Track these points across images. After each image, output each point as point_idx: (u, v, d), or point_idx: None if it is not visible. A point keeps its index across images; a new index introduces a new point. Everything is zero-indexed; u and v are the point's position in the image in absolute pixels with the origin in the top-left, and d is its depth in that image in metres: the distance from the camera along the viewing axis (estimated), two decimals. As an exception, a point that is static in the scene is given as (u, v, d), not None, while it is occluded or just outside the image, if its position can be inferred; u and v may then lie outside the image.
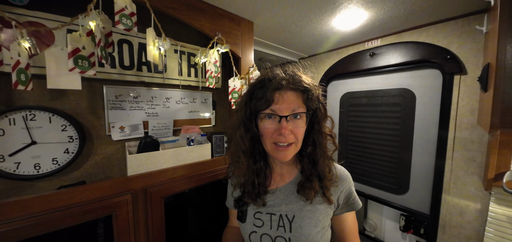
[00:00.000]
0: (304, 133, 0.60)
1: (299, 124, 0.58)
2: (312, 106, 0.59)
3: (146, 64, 0.98)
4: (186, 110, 1.21)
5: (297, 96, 0.58)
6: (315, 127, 0.62)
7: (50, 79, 0.60)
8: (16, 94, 0.74)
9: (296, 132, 0.57)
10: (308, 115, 0.59)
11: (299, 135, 0.58)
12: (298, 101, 0.58)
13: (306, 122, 0.59)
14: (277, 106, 0.56)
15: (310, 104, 0.59)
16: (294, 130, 0.57)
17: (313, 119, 0.61)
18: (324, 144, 0.62)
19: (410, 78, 1.39)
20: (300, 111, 0.57)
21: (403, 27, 1.32)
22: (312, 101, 0.59)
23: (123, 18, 0.68)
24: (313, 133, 0.62)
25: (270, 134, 0.58)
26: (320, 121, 0.61)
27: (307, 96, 0.58)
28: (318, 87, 0.63)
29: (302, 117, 0.58)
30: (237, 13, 1.14)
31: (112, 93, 0.91)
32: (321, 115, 0.61)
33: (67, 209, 0.67)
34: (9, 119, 0.72)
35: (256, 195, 0.64)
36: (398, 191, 1.50)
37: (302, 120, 0.58)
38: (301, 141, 0.60)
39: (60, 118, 0.79)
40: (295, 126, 0.57)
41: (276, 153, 0.59)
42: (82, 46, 0.62)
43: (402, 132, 1.44)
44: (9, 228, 0.61)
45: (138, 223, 0.80)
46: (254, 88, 0.60)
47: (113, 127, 0.92)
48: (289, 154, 0.59)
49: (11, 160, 0.73)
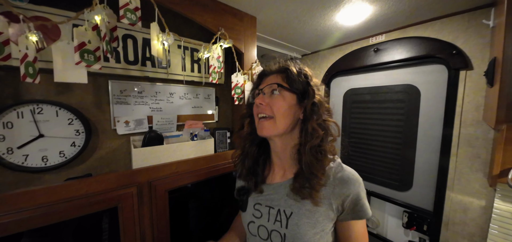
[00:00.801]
0: (285, 109, 0.60)
1: (277, 99, 0.61)
2: (298, 87, 0.61)
3: (150, 60, 0.99)
4: (189, 106, 1.22)
5: (277, 77, 0.63)
6: (305, 113, 0.60)
7: (57, 73, 0.62)
8: (23, 88, 0.75)
9: (271, 104, 0.61)
10: (293, 94, 0.61)
11: (276, 109, 0.60)
12: (278, 79, 0.62)
13: (293, 101, 0.61)
14: (261, 86, 0.65)
15: (294, 84, 0.60)
16: (270, 102, 0.61)
17: (305, 105, 0.60)
18: (313, 135, 0.58)
19: (414, 74, 1.38)
20: (280, 83, 0.61)
21: (408, 22, 1.31)
22: (295, 82, 0.60)
23: (127, 12, 0.68)
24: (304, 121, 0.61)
25: (255, 110, 0.65)
26: (308, 106, 0.59)
27: (286, 75, 0.62)
28: (306, 71, 0.64)
29: (281, 93, 0.61)
30: (240, 8, 1.14)
31: (117, 88, 0.92)
32: (309, 100, 0.60)
33: (73, 200, 0.69)
34: (17, 113, 0.73)
35: (255, 184, 0.68)
36: (401, 188, 1.49)
37: (281, 96, 0.61)
38: (282, 118, 0.60)
39: (66, 112, 0.80)
40: (272, 99, 0.61)
41: (259, 128, 0.63)
42: (87, 40, 0.63)
43: (406, 128, 1.43)
44: (18, 218, 0.62)
45: (143, 215, 0.81)
46: (256, 80, 0.70)
47: (118, 121, 0.93)
48: (265, 127, 0.61)
49: (19, 153, 0.75)
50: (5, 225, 0.61)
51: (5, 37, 0.56)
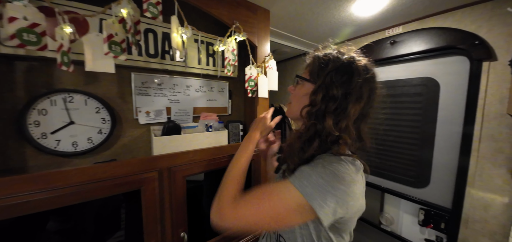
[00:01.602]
0: (300, 97, 0.61)
1: (298, 88, 0.64)
2: (315, 76, 0.57)
3: (168, 53, 1.04)
4: (204, 99, 1.26)
5: (306, 66, 0.64)
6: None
7: (88, 63, 0.67)
8: (55, 78, 0.82)
9: (294, 92, 0.66)
10: (311, 84, 0.58)
11: (294, 97, 0.65)
12: (304, 69, 0.64)
13: (309, 91, 0.57)
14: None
15: (313, 75, 0.58)
16: (293, 91, 0.66)
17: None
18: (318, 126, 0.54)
19: (433, 66, 1.33)
20: (300, 75, 0.63)
21: (427, 12, 1.26)
22: (314, 72, 0.58)
23: (150, 6, 0.72)
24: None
25: None
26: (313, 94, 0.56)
27: (310, 63, 0.62)
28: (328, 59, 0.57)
29: (301, 83, 0.62)
30: (254, 2, 1.15)
31: (138, 80, 0.97)
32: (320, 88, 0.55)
33: (100, 181, 0.74)
34: (50, 101, 0.80)
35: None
36: (417, 185, 1.45)
37: (302, 86, 0.62)
38: (296, 104, 0.62)
39: (94, 101, 0.87)
40: (295, 88, 0.66)
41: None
42: (115, 32, 0.68)
43: (423, 123, 1.39)
44: (52, 195, 0.69)
45: (163, 198, 0.86)
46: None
47: (140, 111, 0.98)
48: (287, 110, 0.69)
49: (52, 137, 0.82)
50: (41, 201, 0.67)
51: (42, 28, 0.62)
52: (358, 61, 0.56)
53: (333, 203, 0.46)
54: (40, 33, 0.61)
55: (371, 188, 1.68)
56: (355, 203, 0.50)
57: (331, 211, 0.46)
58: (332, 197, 0.46)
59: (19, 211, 0.64)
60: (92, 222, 0.91)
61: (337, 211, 0.47)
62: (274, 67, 1.27)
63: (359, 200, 0.52)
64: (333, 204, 0.46)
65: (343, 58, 0.56)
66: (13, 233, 0.69)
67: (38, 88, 0.79)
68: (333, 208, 0.46)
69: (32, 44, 0.59)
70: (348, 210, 0.49)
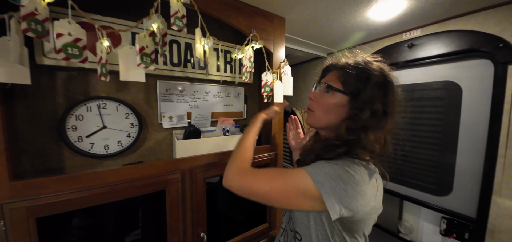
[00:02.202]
0: (329, 107, 0.59)
1: (325, 97, 0.61)
2: (351, 89, 0.55)
3: (190, 62, 1.10)
4: (221, 104, 1.31)
5: (336, 74, 0.60)
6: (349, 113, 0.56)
7: (122, 73, 0.73)
8: (91, 86, 0.90)
9: (319, 101, 0.62)
10: (345, 95, 0.56)
11: (320, 107, 0.61)
12: (334, 78, 0.60)
13: (341, 101, 0.57)
14: (322, 80, 0.64)
15: (347, 86, 0.56)
16: (319, 99, 0.62)
17: (354, 105, 0.55)
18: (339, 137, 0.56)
19: (455, 69, 1.29)
20: (331, 85, 0.59)
21: (447, 14, 1.23)
22: (350, 83, 0.55)
23: (176, 20, 0.78)
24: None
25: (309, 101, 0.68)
26: (352, 108, 0.56)
27: (343, 74, 0.57)
28: (370, 72, 0.55)
29: (333, 93, 0.58)
30: (270, 10, 1.19)
31: (163, 87, 1.04)
32: (361, 101, 0.54)
33: (131, 181, 0.81)
34: (86, 107, 0.88)
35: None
36: (439, 192, 1.40)
37: (332, 95, 0.59)
38: (323, 115, 0.61)
39: (124, 107, 0.94)
40: (321, 97, 0.62)
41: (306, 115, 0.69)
42: (146, 45, 0.74)
43: (445, 128, 1.35)
44: (90, 194, 0.75)
45: (185, 198, 0.91)
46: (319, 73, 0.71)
47: (163, 116, 1.05)
48: (308, 120, 0.66)
49: (87, 141, 0.90)
50: (80, 199, 0.74)
51: (83, 43, 0.69)
52: (391, 76, 0.58)
53: (340, 196, 0.48)
54: (82, 47, 0.68)
55: (388, 194, 1.64)
56: (365, 203, 0.51)
57: (338, 203, 0.48)
58: (341, 190, 0.49)
59: (61, 208, 0.72)
60: (113, 220, 0.97)
61: (345, 205, 0.49)
62: (289, 73, 1.30)
63: (371, 202, 0.52)
64: (340, 197, 0.48)
65: (382, 72, 0.57)
66: (45, 227, 0.74)
67: (76, 95, 0.87)
68: (339, 200, 0.48)
69: (75, 57, 0.67)
70: (358, 209, 0.50)
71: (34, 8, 0.60)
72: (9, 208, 0.65)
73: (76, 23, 0.68)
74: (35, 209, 0.68)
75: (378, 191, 0.55)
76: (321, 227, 0.57)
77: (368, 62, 0.58)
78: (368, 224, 0.57)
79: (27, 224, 0.68)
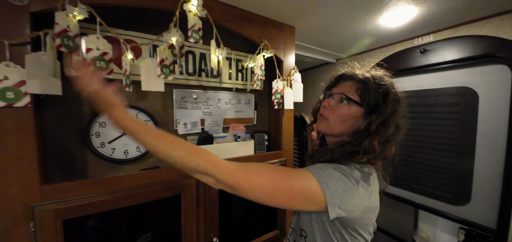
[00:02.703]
0: (346, 118, 0.61)
1: (341, 107, 0.62)
2: (370, 101, 0.59)
3: (204, 71, 1.14)
4: (233, 110, 1.34)
5: (353, 85, 0.62)
6: (369, 128, 0.59)
7: (143, 84, 0.78)
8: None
9: (335, 110, 0.63)
10: (361, 107, 0.60)
11: (336, 116, 0.62)
12: (351, 89, 0.62)
13: (357, 113, 0.60)
14: (335, 88, 0.67)
15: (366, 98, 0.59)
16: (334, 108, 0.63)
17: (371, 120, 0.59)
18: (367, 151, 0.57)
19: (470, 75, 1.26)
20: (350, 96, 0.61)
21: (460, 20, 1.22)
22: (368, 96, 0.59)
23: (193, 33, 0.83)
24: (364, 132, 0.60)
25: (321, 108, 0.68)
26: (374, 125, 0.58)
27: (362, 87, 0.60)
28: (388, 89, 0.60)
29: (349, 104, 0.61)
30: (281, 20, 1.22)
31: (179, 95, 1.09)
32: (377, 118, 0.58)
33: (150, 186, 0.85)
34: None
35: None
36: (456, 202, 1.36)
37: (348, 106, 0.61)
38: (338, 124, 0.62)
39: (143, 114, 0.99)
40: (337, 106, 0.63)
41: (317, 121, 0.68)
42: (165, 57, 0.79)
43: (461, 135, 1.31)
44: (112, 197, 0.80)
45: (199, 202, 0.94)
46: (330, 79, 0.73)
47: (179, 123, 1.09)
48: (320, 126, 0.66)
49: (109, 146, 0.95)
50: (103, 202, 0.78)
51: (109, 56, 0.74)
52: (400, 91, 0.63)
53: (340, 197, 0.51)
54: (108, 60, 0.74)
55: (402, 202, 1.60)
56: (359, 202, 0.53)
57: (336, 204, 0.51)
58: (341, 192, 0.51)
59: (86, 210, 0.76)
60: (125, 222, 1.00)
61: (341, 206, 0.51)
62: (299, 79, 1.32)
63: (364, 202, 0.55)
64: (339, 198, 0.51)
65: (395, 88, 0.61)
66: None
67: (100, 104, 0.93)
68: (339, 201, 0.51)
69: (102, 70, 0.72)
70: (353, 209, 0.53)
71: (66, 25, 0.67)
72: (39, 210, 0.70)
73: (103, 38, 0.73)
74: (62, 212, 0.73)
75: (373, 192, 0.57)
76: (322, 225, 0.60)
77: (383, 77, 0.62)
78: (365, 223, 0.58)
79: (54, 226, 0.73)
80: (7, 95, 0.65)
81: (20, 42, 0.66)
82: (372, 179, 0.57)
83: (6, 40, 0.64)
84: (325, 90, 0.72)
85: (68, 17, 0.66)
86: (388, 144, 0.59)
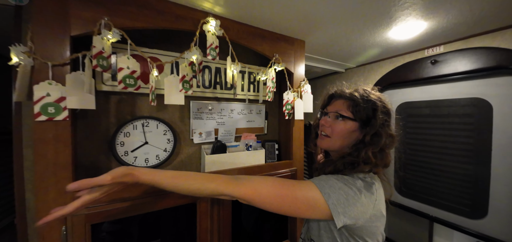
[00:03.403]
0: (344, 133, 0.67)
1: (339, 124, 0.68)
2: (362, 116, 0.65)
3: (218, 83, 1.21)
4: (245, 120, 1.40)
5: (344, 103, 0.70)
6: (364, 139, 0.65)
7: (166, 98, 0.86)
8: (137, 108, 1.04)
9: (333, 127, 0.69)
10: (356, 122, 0.66)
11: (336, 132, 0.68)
12: (343, 106, 0.69)
13: (353, 127, 0.67)
14: (329, 107, 0.74)
15: (358, 114, 0.66)
16: (333, 125, 0.69)
17: (366, 132, 0.65)
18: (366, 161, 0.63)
19: (483, 86, 1.25)
20: (342, 114, 0.68)
21: (471, 32, 1.22)
22: (359, 111, 0.66)
23: (211, 51, 0.90)
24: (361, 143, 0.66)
25: (319, 126, 0.75)
26: (368, 136, 0.64)
27: (352, 104, 0.67)
28: (375, 103, 0.66)
29: (344, 120, 0.68)
30: (292, 35, 1.28)
31: (195, 107, 1.16)
32: (370, 129, 0.64)
33: (169, 193, 0.90)
34: (133, 125, 1.01)
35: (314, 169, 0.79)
36: (472, 215, 1.32)
37: (344, 122, 0.68)
38: (338, 140, 0.68)
39: (163, 125, 1.06)
40: (335, 123, 0.70)
41: (318, 140, 0.74)
42: (186, 73, 0.86)
43: (476, 146, 1.29)
44: (135, 203, 0.86)
45: (213, 209, 0.98)
46: (325, 97, 0.80)
47: (194, 132, 1.16)
48: (323, 143, 0.72)
49: (132, 155, 1.02)
50: (127, 208, 0.84)
51: (137, 74, 0.82)
52: (387, 103, 0.69)
53: (343, 206, 0.56)
54: (136, 77, 0.81)
55: (416, 215, 1.57)
56: (364, 210, 0.58)
57: (342, 213, 0.55)
58: (344, 201, 0.56)
59: (111, 215, 0.83)
60: (137, 228, 1.05)
61: (347, 214, 0.55)
62: (309, 91, 1.36)
63: (369, 210, 0.58)
64: (343, 206, 0.56)
65: (382, 100, 0.67)
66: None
67: (125, 115, 1.01)
68: (343, 210, 0.55)
69: (131, 86, 0.80)
70: (358, 216, 0.57)
71: (101, 47, 0.75)
72: (71, 215, 0.77)
73: (132, 57, 0.81)
74: (91, 217, 0.80)
75: (377, 200, 0.61)
76: (330, 234, 0.63)
77: (370, 93, 0.68)
78: (372, 232, 0.61)
79: (84, 230, 0.79)
80: (48, 110, 0.73)
81: (61, 63, 0.74)
82: (375, 188, 0.62)
83: (49, 62, 0.73)
84: (320, 109, 0.79)
85: (103, 40, 0.75)
86: (384, 153, 0.65)
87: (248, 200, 0.60)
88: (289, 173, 1.29)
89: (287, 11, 0.99)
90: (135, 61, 0.81)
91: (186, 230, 1.00)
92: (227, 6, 0.92)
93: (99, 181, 0.58)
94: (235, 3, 0.90)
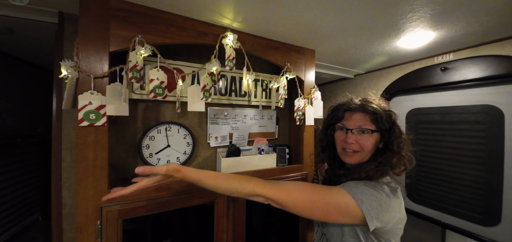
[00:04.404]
0: (372, 145, 0.72)
1: (365, 137, 0.72)
2: (384, 126, 0.71)
3: (233, 91, 1.30)
4: (257, 125, 1.47)
5: (365, 117, 0.73)
6: (390, 147, 0.71)
7: (189, 105, 0.95)
8: (161, 113, 1.14)
9: (361, 143, 0.72)
10: (379, 133, 0.72)
11: (365, 146, 0.72)
12: (367, 121, 0.72)
13: (377, 138, 0.72)
14: (346, 122, 0.76)
15: (381, 125, 0.71)
16: (360, 141, 0.72)
17: (387, 140, 0.71)
18: (395, 166, 0.69)
19: (494, 94, 1.26)
20: (366, 127, 0.72)
21: (480, 41, 1.24)
22: (382, 123, 0.71)
23: (229, 62, 0.99)
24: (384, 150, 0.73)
25: (340, 141, 0.77)
26: (393, 141, 0.70)
27: (375, 118, 0.71)
28: (391, 112, 0.74)
29: (369, 133, 0.72)
30: (303, 45, 1.35)
31: (212, 113, 1.25)
32: (396, 139, 0.70)
33: (190, 193, 0.99)
34: (157, 130, 1.11)
35: (329, 176, 0.83)
36: (485, 222, 1.32)
37: (369, 135, 0.72)
38: (368, 152, 0.72)
39: (183, 129, 1.16)
40: (361, 138, 0.72)
41: (343, 156, 0.77)
42: (206, 83, 0.95)
43: (488, 153, 1.29)
44: (161, 201, 0.94)
45: (229, 210, 1.06)
46: (333, 109, 0.83)
47: (211, 137, 1.25)
48: (353, 159, 0.74)
49: (155, 157, 1.12)
50: (153, 205, 0.93)
51: (165, 84, 0.92)
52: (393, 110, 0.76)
53: (376, 210, 0.60)
54: (164, 87, 0.91)
55: (428, 221, 1.57)
56: (394, 214, 0.62)
57: (375, 217, 0.60)
58: (377, 206, 0.60)
59: (140, 212, 0.92)
60: (150, 227, 1.09)
61: (379, 218, 0.60)
62: (319, 97, 1.42)
63: (397, 213, 0.63)
64: (376, 211, 0.60)
65: (392, 110, 0.75)
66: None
67: (150, 121, 1.12)
68: (376, 214, 0.60)
69: (160, 95, 0.90)
70: (389, 220, 0.61)
71: (136, 61, 0.85)
72: (106, 210, 0.86)
73: (161, 69, 0.91)
74: (123, 212, 0.89)
75: (401, 203, 0.67)
76: (356, 238, 0.66)
77: (386, 104, 0.76)
78: (397, 233, 0.66)
79: (116, 224, 0.88)
80: (90, 116, 0.84)
81: (102, 75, 0.85)
82: (399, 192, 0.68)
83: (92, 74, 0.84)
84: (331, 123, 0.82)
85: (137, 55, 0.85)
86: (409, 156, 0.71)
87: (281, 202, 0.64)
88: (300, 176, 1.35)
89: (299, 26, 1.07)
90: (163, 72, 0.91)
91: (198, 230, 1.08)
92: (244, 22, 1.01)
93: (156, 170, 0.67)
94: (252, 19, 0.99)
